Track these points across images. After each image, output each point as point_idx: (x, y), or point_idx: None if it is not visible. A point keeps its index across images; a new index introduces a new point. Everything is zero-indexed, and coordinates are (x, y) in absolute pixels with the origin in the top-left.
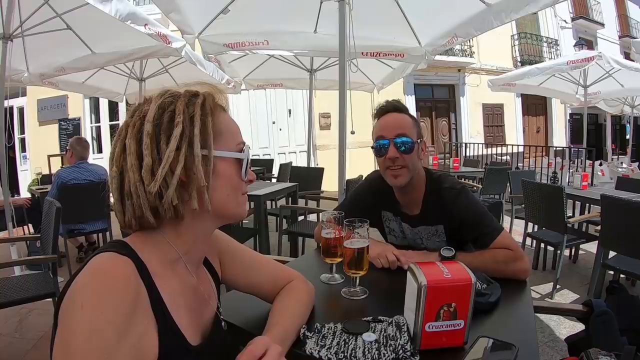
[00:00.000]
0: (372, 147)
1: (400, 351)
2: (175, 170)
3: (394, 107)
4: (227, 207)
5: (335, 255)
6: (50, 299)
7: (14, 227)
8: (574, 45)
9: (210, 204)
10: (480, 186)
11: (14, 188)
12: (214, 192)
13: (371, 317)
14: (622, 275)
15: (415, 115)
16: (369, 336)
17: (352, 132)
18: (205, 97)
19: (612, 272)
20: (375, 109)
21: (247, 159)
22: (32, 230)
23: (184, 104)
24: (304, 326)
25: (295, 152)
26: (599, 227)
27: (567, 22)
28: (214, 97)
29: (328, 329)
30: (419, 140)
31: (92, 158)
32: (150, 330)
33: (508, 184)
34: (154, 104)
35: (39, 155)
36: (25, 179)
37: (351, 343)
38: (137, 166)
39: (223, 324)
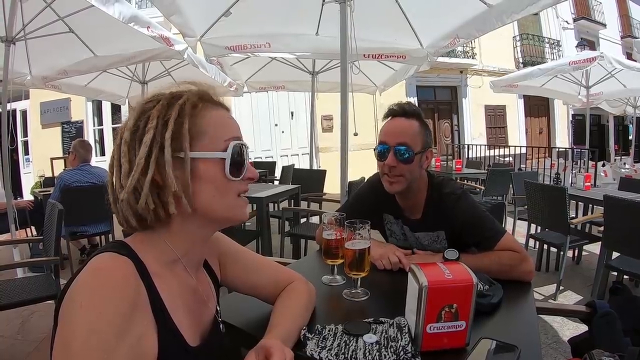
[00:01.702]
0: (374, 149)
1: (402, 353)
2: (147, 176)
3: (403, 112)
4: (213, 209)
5: (336, 257)
6: (52, 301)
7: (16, 229)
8: (576, 46)
9: (191, 207)
10: (482, 188)
11: (17, 190)
12: (197, 195)
13: (372, 319)
14: (625, 276)
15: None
16: (370, 337)
17: (355, 134)
18: (188, 97)
19: (615, 273)
20: (387, 108)
21: (235, 157)
22: (34, 232)
23: (160, 108)
24: (304, 327)
25: (297, 155)
26: (602, 228)
27: (569, 23)
28: (199, 95)
29: (329, 331)
30: (423, 150)
31: (95, 161)
32: (150, 330)
33: (511, 186)
34: (133, 112)
35: (41, 158)
36: (28, 181)
37: (352, 344)
38: (117, 173)
39: (221, 326)
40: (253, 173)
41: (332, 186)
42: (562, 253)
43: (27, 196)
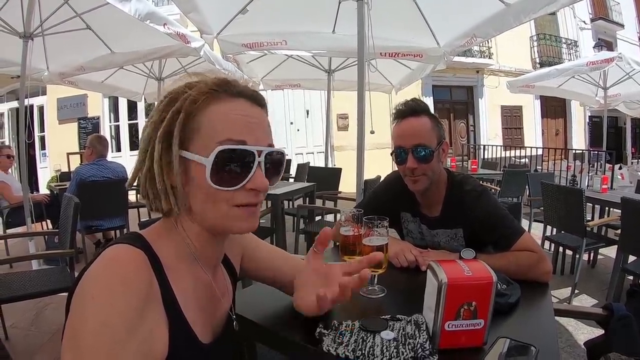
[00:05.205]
0: (391, 154)
1: (419, 350)
2: (143, 169)
3: (411, 111)
4: (206, 216)
5: (354, 253)
6: (66, 294)
7: (32, 222)
8: (594, 47)
9: (182, 208)
10: (498, 188)
11: (33, 185)
12: (191, 198)
13: (389, 316)
14: None
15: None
16: (387, 334)
17: (372, 132)
18: (197, 89)
19: (631, 277)
20: (394, 107)
21: (222, 164)
22: (50, 226)
23: (167, 102)
24: (320, 324)
25: (312, 153)
26: (618, 231)
27: (586, 23)
28: (214, 85)
29: (345, 327)
30: (439, 144)
31: (111, 157)
32: (161, 325)
33: (527, 187)
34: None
35: (58, 153)
36: (44, 176)
37: (369, 341)
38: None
39: (235, 324)
40: (257, 184)
41: (347, 185)
42: (577, 256)
43: (43, 190)
